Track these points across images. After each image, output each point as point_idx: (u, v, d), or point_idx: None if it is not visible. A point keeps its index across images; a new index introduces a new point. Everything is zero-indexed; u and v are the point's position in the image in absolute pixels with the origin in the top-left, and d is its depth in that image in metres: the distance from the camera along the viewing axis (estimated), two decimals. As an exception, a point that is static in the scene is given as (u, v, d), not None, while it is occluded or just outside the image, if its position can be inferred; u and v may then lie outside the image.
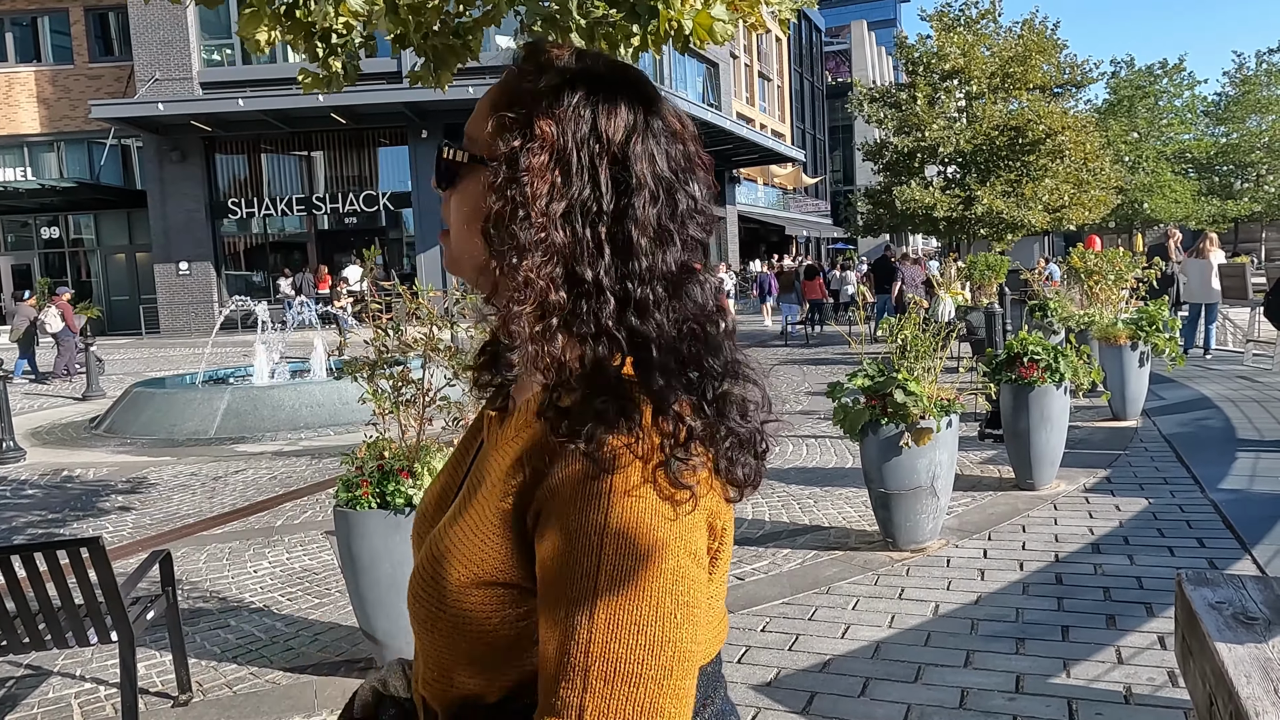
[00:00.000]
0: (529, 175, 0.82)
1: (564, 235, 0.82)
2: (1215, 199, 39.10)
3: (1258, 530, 4.96)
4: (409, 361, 3.81)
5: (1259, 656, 2.42)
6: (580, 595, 0.75)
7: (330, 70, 3.67)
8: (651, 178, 0.84)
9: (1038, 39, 22.96)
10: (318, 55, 3.70)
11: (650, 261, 0.83)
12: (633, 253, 0.83)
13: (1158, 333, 8.04)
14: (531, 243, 0.81)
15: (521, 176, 0.82)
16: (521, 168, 0.83)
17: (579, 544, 0.76)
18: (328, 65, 3.69)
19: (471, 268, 0.89)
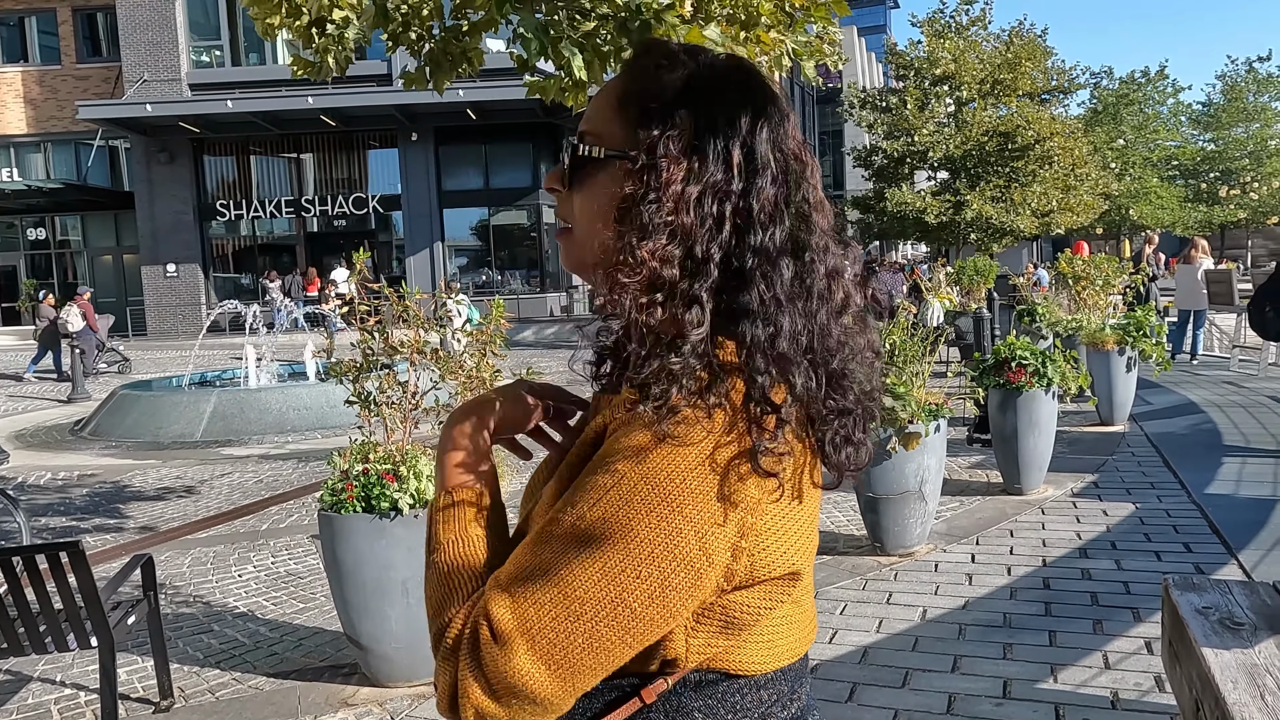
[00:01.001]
0: (667, 161, 0.85)
1: (692, 217, 0.84)
2: (1201, 205, 39.32)
3: (1244, 535, 4.98)
4: (395, 364, 3.79)
5: (1245, 662, 2.42)
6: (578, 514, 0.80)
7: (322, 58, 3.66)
8: (774, 162, 0.88)
9: (1027, 45, 23.08)
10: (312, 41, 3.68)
11: (767, 241, 0.85)
12: (751, 232, 0.85)
13: (1145, 338, 8.07)
14: (659, 224, 0.84)
15: (660, 163, 0.85)
16: (660, 154, 0.85)
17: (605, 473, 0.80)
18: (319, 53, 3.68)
19: (596, 264, 0.90)
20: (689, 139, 0.86)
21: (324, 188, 26.42)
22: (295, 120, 24.34)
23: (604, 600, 0.78)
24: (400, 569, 3.48)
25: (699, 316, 0.83)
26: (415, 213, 25.26)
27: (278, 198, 26.20)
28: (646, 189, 0.85)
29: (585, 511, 0.79)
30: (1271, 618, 2.68)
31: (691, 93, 0.88)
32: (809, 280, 0.87)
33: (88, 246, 28.67)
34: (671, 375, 0.80)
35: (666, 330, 0.84)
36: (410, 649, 3.56)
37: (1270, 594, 2.88)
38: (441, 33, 4.15)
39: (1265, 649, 2.47)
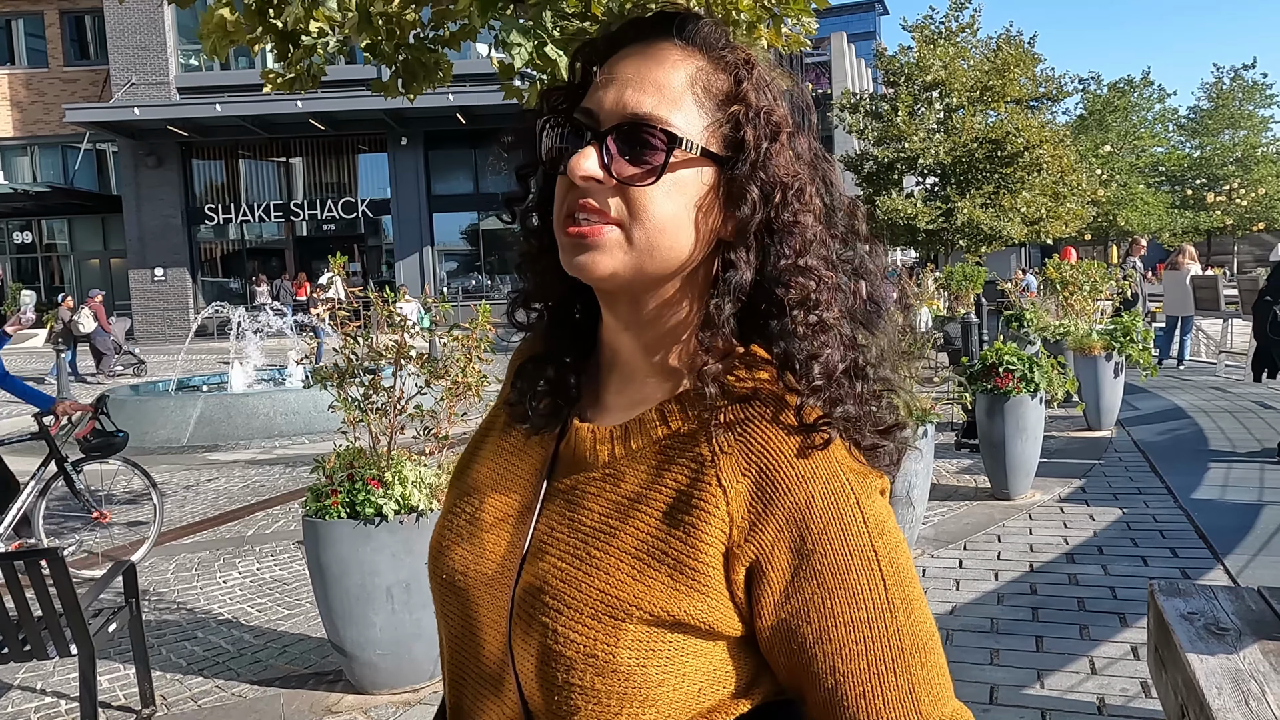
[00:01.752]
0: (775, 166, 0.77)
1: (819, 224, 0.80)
2: (1188, 211, 39.61)
3: (1230, 540, 4.99)
4: (380, 369, 3.77)
5: (1230, 668, 2.42)
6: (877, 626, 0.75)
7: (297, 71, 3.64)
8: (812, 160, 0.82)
9: (1016, 52, 23.19)
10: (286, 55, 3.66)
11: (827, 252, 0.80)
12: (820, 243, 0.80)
13: (1131, 344, 8.10)
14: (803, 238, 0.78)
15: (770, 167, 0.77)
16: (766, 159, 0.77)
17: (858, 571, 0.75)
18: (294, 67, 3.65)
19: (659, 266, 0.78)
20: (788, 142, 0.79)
21: (313, 191, 26.36)
22: (284, 124, 24.28)
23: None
24: (385, 575, 3.46)
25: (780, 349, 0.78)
26: (405, 217, 25.23)
27: (266, 201, 26.12)
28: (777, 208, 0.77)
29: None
30: (1256, 623, 2.69)
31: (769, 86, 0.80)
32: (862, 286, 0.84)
33: (74, 250, 28.52)
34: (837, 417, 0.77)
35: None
36: (395, 656, 3.54)
37: (1255, 599, 2.88)
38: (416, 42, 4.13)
39: (1250, 654, 2.47)
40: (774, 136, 0.78)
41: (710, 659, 0.77)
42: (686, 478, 0.76)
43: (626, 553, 0.76)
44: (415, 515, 3.46)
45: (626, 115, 0.76)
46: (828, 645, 0.74)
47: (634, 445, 0.81)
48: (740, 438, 0.76)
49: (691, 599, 0.74)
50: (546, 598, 0.77)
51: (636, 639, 0.74)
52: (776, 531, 0.73)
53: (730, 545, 0.74)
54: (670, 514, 0.76)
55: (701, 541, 0.74)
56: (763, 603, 0.75)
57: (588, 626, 0.75)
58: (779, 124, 0.78)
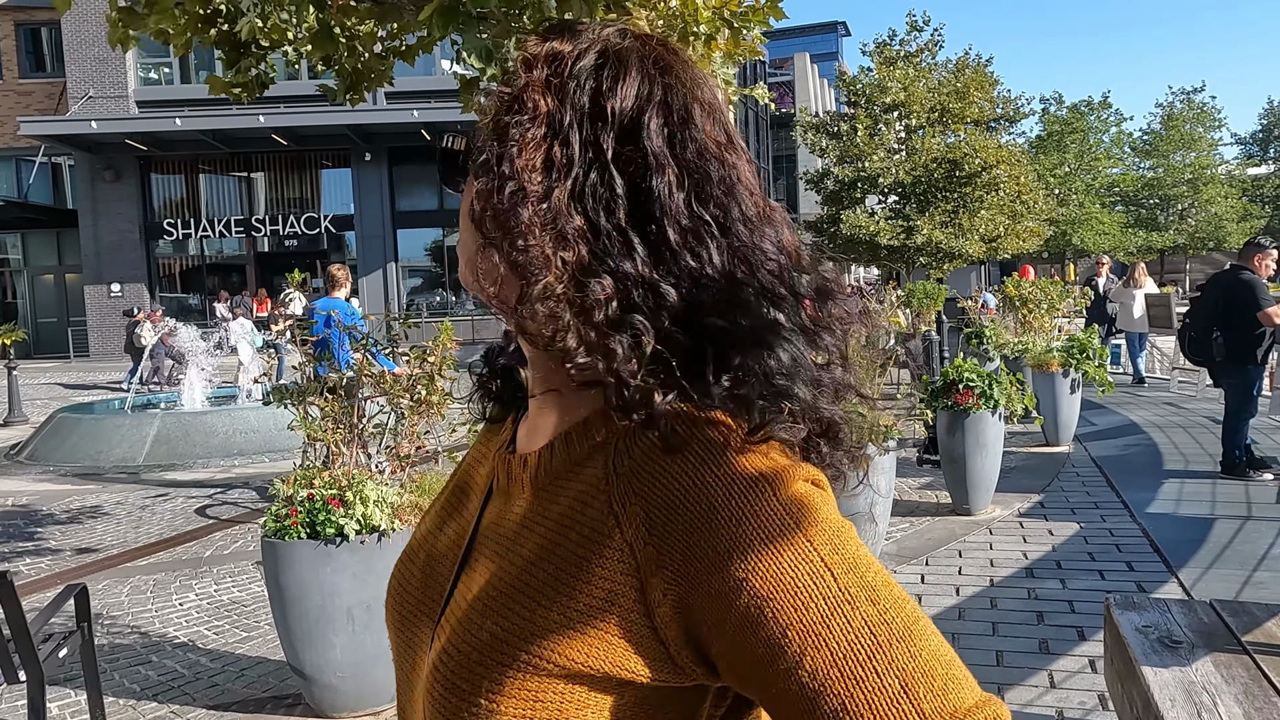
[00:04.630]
0: (520, 148, 0.70)
1: (576, 221, 0.69)
2: (1141, 231, 40.51)
3: (1183, 553, 5.09)
4: (342, 388, 3.73)
5: (1183, 680, 2.46)
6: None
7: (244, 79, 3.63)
8: (674, 158, 0.71)
9: (974, 75, 23.68)
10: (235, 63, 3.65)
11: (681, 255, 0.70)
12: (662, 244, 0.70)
13: (1088, 360, 8.26)
14: (526, 227, 0.69)
15: (512, 150, 0.70)
16: (512, 140, 0.70)
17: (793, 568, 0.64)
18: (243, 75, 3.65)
19: (465, 265, 0.77)
20: (549, 125, 0.71)
21: (275, 207, 26.08)
22: (246, 139, 24.03)
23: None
24: (346, 596, 3.42)
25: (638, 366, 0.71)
26: (368, 233, 25.05)
27: (228, 217, 25.80)
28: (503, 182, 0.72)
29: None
30: (1208, 635, 2.74)
31: (554, 73, 0.73)
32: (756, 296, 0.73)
33: (28, 265, 27.91)
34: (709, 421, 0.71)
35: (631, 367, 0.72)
36: (355, 678, 3.49)
37: (1207, 612, 2.94)
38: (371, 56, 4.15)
39: (1201, 667, 2.52)
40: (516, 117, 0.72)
41: (613, 713, 0.68)
42: (583, 507, 0.69)
43: (520, 591, 0.69)
44: (377, 535, 3.43)
45: None
46: (786, 659, 0.62)
47: (541, 475, 0.75)
48: (632, 455, 0.69)
49: (589, 643, 0.66)
50: (445, 641, 0.72)
51: (522, 689, 0.67)
52: (683, 546, 0.64)
53: (639, 577, 0.65)
54: (568, 548, 0.69)
55: (599, 576, 0.66)
56: (702, 634, 0.65)
57: (473, 674, 0.68)
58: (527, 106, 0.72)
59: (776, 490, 0.66)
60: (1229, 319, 6.72)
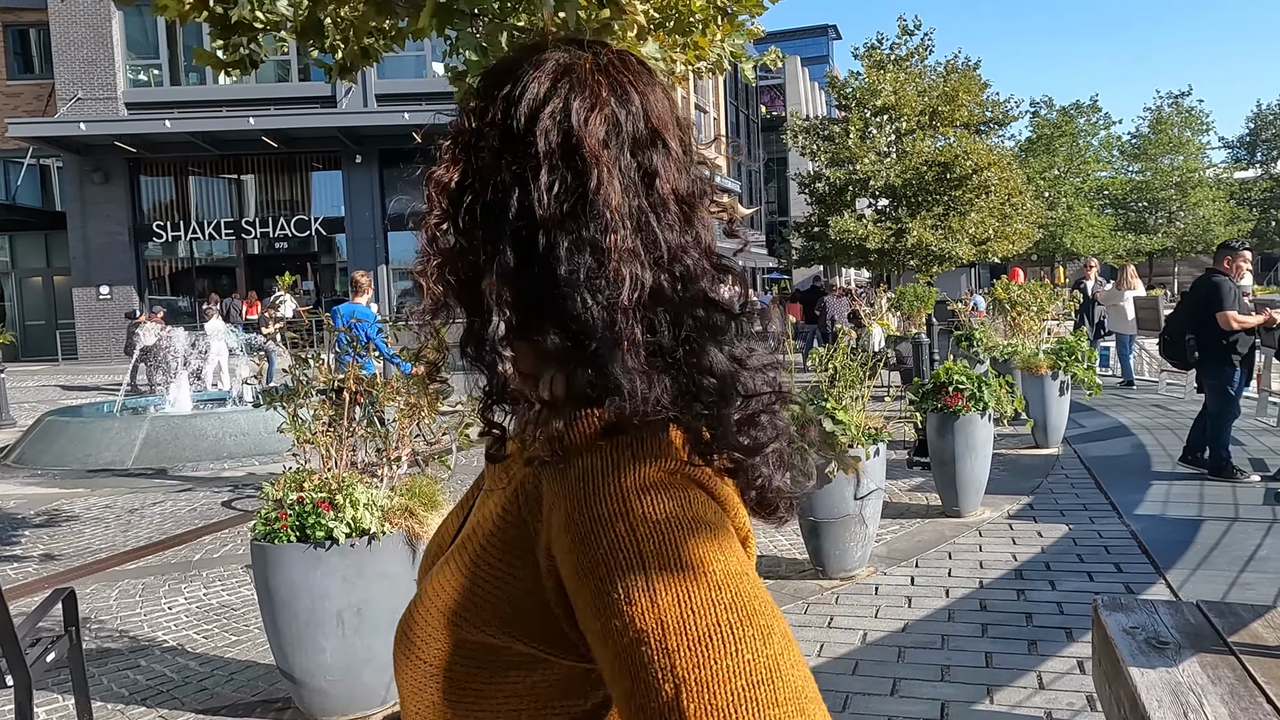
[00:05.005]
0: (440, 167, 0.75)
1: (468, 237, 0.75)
2: (1130, 234, 40.73)
3: (1171, 555, 5.12)
4: (331, 390, 3.73)
5: (1170, 680, 2.48)
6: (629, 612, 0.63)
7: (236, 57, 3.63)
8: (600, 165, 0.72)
9: (963, 77, 23.79)
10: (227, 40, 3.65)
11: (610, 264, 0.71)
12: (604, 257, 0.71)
13: (1077, 363, 8.30)
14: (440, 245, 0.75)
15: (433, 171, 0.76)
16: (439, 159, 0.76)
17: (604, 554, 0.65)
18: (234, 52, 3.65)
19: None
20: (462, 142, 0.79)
21: (265, 209, 26.01)
22: (236, 141, 23.96)
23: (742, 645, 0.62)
24: (335, 600, 3.41)
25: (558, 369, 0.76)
26: (359, 235, 24.99)
27: (217, 219, 25.71)
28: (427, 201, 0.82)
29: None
30: (1195, 636, 2.76)
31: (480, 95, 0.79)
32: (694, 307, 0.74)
33: (16, 267, 27.76)
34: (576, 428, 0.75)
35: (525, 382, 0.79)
36: (345, 682, 3.48)
37: (1194, 613, 2.96)
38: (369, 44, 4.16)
39: (1188, 667, 2.53)
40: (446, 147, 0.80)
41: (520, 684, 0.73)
42: (512, 496, 0.76)
43: (461, 563, 0.78)
44: (367, 538, 3.42)
45: None
46: (595, 635, 0.65)
47: (513, 460, 0.81)
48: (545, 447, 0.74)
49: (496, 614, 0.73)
50: (416, 599, 0.81)
51: (458, 648, 0.75)
52: (552, 520, 0.70)
53: (533, 549, 0.72)
54: (493, 524, 0.77)
55: (504, 550, 0.74)
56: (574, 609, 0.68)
57: (417, 638, 0.78)
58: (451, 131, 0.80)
59: (625, 475, 0.68)
60: (1201, 322, 6.81)
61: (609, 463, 0.70)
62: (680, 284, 0.73)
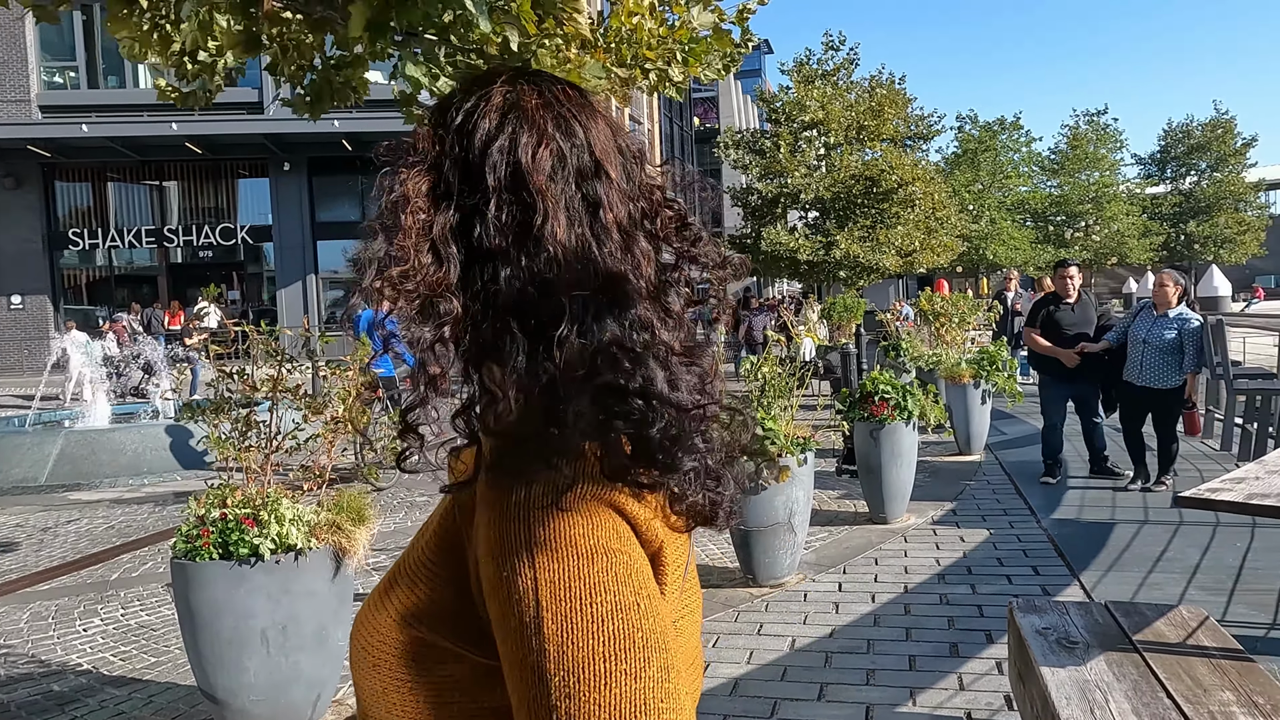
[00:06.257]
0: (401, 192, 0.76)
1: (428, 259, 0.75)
2: (1050, 246, 42.10)
3: (1085, 557, 5.32)
4: (256, 403, 3.66)
5: (1078, 679, 2.58)
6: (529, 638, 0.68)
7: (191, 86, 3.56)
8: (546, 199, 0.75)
9: (889, 92, 24.37)
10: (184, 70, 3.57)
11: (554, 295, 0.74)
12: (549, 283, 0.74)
13: (998, 372, 8.56)
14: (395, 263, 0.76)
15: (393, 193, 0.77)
16: (398, 182, 0.77)
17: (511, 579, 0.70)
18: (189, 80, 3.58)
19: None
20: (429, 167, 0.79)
21: (189, 217, 25.30)
22: (157, 146, 23.28)
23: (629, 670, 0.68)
24: (260, 618, 3.35)
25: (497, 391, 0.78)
26: (287, 244, 24.47)
27: (138, 227, 24.92)
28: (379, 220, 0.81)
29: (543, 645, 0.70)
30: (1103, 636, 2.88)
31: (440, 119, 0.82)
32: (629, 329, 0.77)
33: (-80, 276, 26.52)
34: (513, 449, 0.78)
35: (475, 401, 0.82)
36: (271, 702, 3.41)
37: (1102, 613, 3.08)
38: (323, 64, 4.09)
39: (1096, 666, 2.65)
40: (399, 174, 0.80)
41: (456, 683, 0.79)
42: (453, 503, 0.83)
43: (408, 564, 0.84)
44: (293, 554, 3.37)
45: None
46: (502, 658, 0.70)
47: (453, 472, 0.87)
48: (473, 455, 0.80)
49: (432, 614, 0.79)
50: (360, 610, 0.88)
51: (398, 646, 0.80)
52: (487, 546, 0.73)
53: (473, 569, 0.77)
54: (436, 532, 0.83)
55: (441, 557, 0.80)
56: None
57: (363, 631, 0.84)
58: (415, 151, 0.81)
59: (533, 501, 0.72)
60: None
61: (524, 485, 0.72)
62: (619, 310, 0.76)
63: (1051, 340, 7.21)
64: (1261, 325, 12.50)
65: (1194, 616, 2.98)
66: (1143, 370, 6.65)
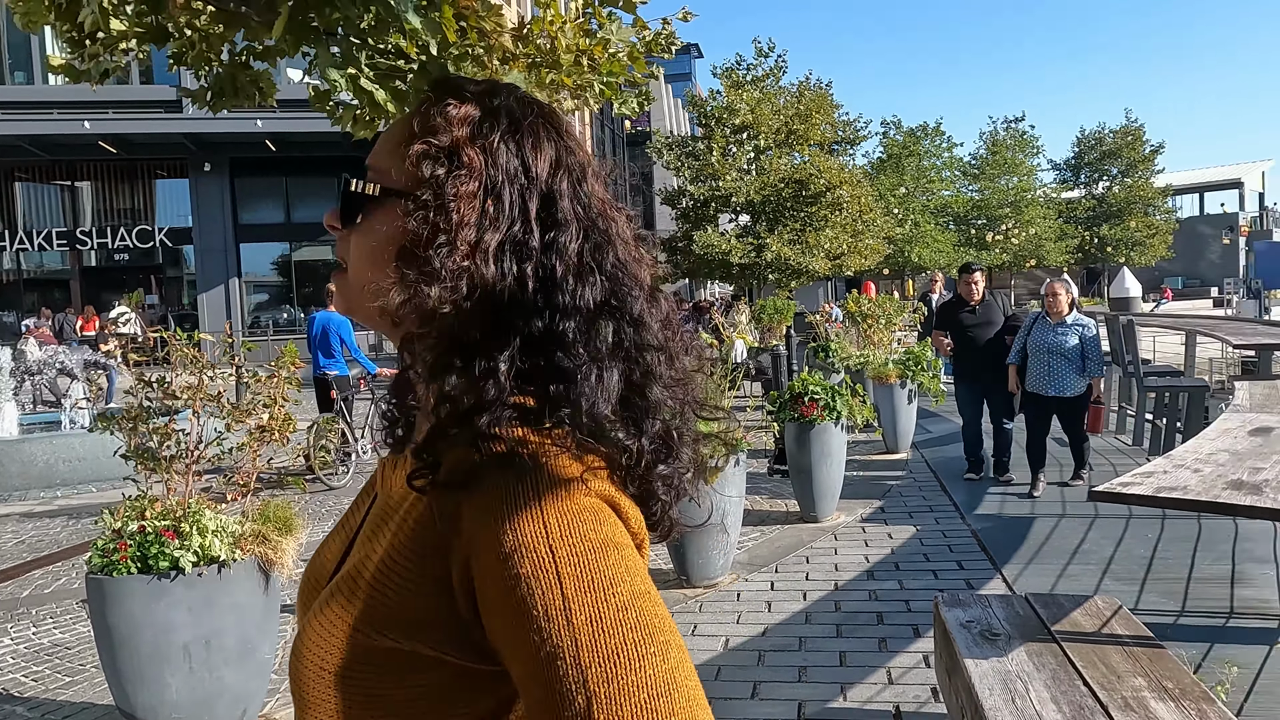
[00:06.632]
0: (456, 202, 0.79)
1: (492, 269, 0.78)
2: (972, 249, 43.29)
3: (1007, 551, 5.48)
4: (176, 412, 3.56)
5: (1000, 670, 2.66)
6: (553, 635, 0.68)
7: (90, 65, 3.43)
8: (574, 214, 0.82)
9: (817, 98, 24.80)
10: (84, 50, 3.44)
11: (572, 300, 0.79)
12: (555, 291, 0.79)
13: (923, 371, 8.77)
14: (452, 271, 0.78)
15: (449, 204, 0.78)
16: (449, 194, 0.79)
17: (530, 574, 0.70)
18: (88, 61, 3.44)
19: (372, 305, 0.82)
20: (482, 182, 0.80)
21: (103, 219, 24.44)
22: (69, 145, 22.43)
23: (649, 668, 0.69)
24: (182, 632, 3.25)
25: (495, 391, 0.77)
26: (208, 247, 23.80)
27: (48, 229, 23.98)
28: (436, 229, 0.78)
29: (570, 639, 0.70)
30: (1023, 627, 2.98)
31: (482, 135, 0.82)
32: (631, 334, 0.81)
33: None
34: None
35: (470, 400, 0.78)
36: (193, 718, 3.31)
37: (1023, 605, 3.19)
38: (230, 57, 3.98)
39: (1016, 656, 2.73)
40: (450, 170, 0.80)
41: (428, 690, 0.77)
42: (415, 500, 0.79)
43: (360, 575, 0.80)
44: (216, 566, 3.28)
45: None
46: (512, 650, 0.71)
47: (400, 473, 0.84)
48: (452, 454, 0.78)
49: (403, 621, 0.76)
50: (308, 618, 0.83)
51: (355, 660, 0.77)
52: (470, 536, 0.73)
53: (446, 563, 0.75)
54: (396, 536, 0.80)
55: (414, 561, 0.77)
56: (484, 621, 0.74)
57: (319, 643, 0.80)
58: (461, 160, 0.80)
59: (545, 499, 0.74)
60: None
61: (529, 486, 0.74)
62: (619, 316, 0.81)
63: (955, 341, 7.47)
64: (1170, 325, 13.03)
65: (1108, 606, 3.10)
66: (1051, 379, 6.73)
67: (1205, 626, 4.22)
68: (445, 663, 0.76)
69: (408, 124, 0.85)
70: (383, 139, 0.88)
